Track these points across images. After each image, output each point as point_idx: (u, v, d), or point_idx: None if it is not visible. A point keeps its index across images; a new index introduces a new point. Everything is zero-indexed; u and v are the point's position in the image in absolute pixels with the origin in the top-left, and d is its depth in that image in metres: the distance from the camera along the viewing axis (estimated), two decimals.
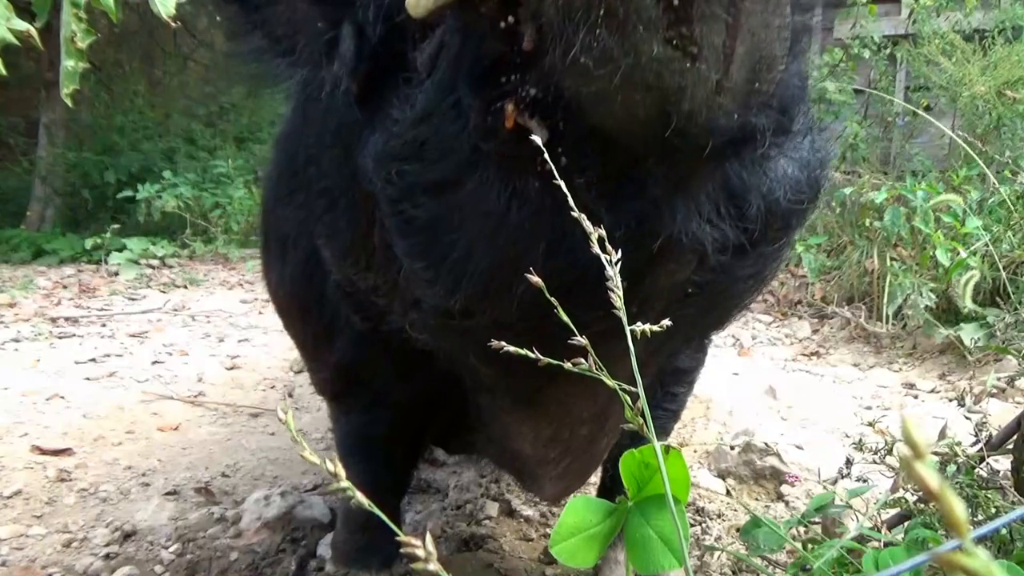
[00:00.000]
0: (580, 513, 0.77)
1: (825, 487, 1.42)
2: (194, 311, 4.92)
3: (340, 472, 0.56)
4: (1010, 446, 1.18)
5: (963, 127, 4.65)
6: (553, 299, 0.67)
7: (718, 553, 1.62)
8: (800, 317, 4.47)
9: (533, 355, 0.70)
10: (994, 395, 2.74)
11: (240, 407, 2.90)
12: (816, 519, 1.24)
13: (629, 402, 0.69)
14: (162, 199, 7.53)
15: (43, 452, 2.31)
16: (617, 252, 0.66)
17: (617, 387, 0.69)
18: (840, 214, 4.55)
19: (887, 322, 3.79)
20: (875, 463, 1.38)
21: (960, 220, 3.48)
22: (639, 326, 0.68)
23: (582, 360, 0.69)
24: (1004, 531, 0.98)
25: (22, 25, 1.33)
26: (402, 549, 0.51)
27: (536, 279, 0.66)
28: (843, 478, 1.45)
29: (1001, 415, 2.37)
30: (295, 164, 1.24)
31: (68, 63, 1.42)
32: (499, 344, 0.71)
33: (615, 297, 0.64)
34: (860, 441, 1.44)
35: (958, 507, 0.28)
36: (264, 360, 3.62)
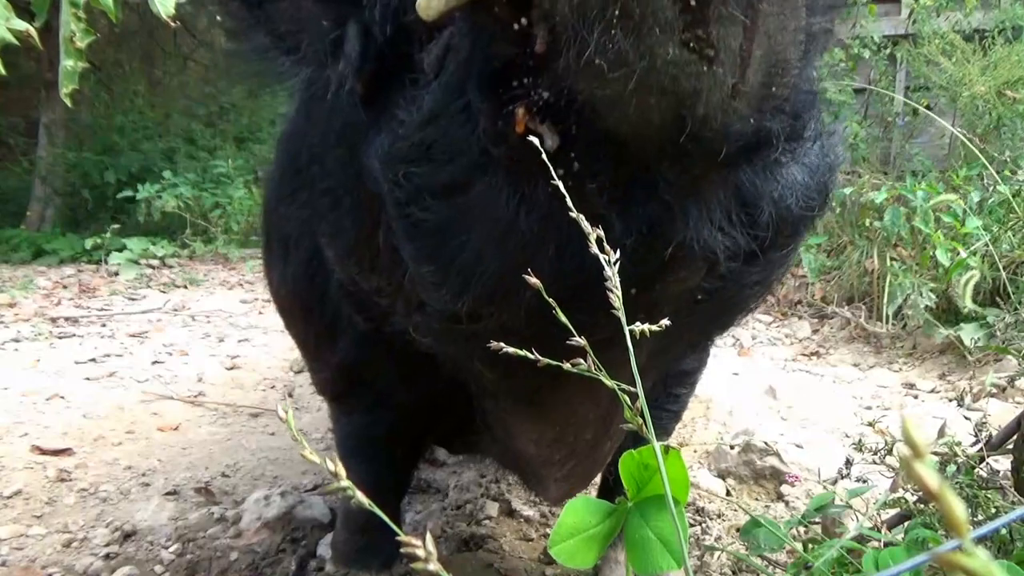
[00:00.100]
0: (580, 514, 0.77)
1: (825, 487, 1.42)
2: (194, 311, 4.92)
3: (340, 471, 0.56)
4: (1010, 446, 1.18)
5: (963, 127, 4.65)
6: (559, 303, 0.67)
7: (718, 553, 1.62)
8: (800, 317, 4.47)
9: (533, 356, 0.70)
10: (994, 395, 2.74)
11: (240, 407, 2.90)
12: (816, 519, 1.24)
13: (629, 403, 0.69)
14: (162, 199, 7.54)
15: (43, 452, 2.31)
16: (628, 259, 0.65)
17: (617, 388, 0.69)
18: (840, 214, 4.55)
19: (887, 322, 3.79)
20: (875, 463, 1.38)
21: (960, 220, 3.48)
22: (639, 326, 0.67)
23: (581, 360, 0.69)
24: (1004, 531, 0.98)
25: (21, 25, 1.33)
26: (402, 549, 0.51)
27: (535, 280, 0.66)
28: (843, 478, 1.45)
29: (1001, 415, 2.37)
30: (298, 163, 1.23)
31: (67, 63, 1.42)
32: (498, 345, 0.71)
33: (614, 297, 0.64)
34: (860, 441, 1.44)
35: (958, 507, 0.28)
36: (264, 360, 3.62)
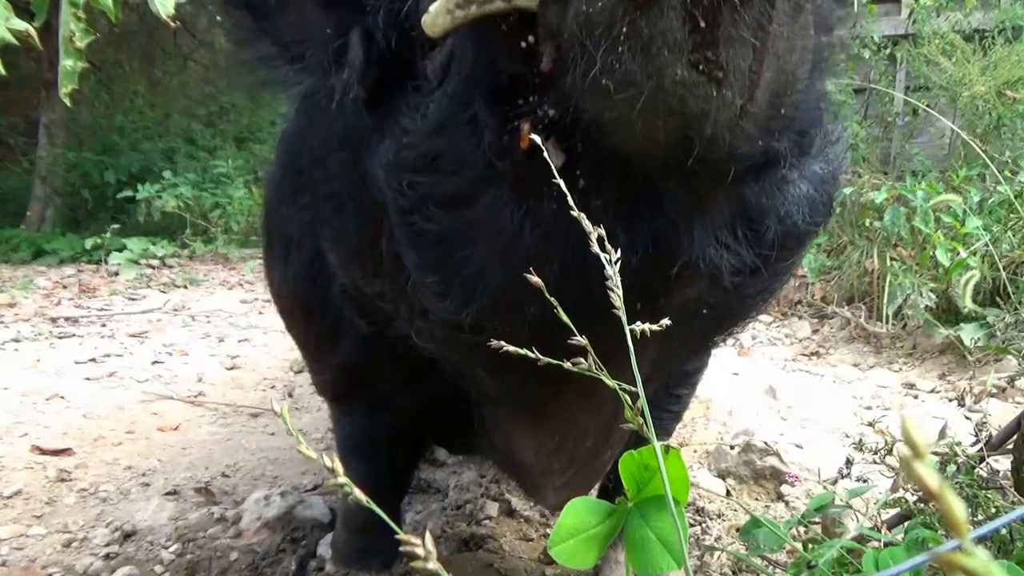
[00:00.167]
0: (580, 514, 0.77)
1: (825, 487, 1.42)
2: (194, 311, 4.92)
3: (339, 468, 0.56)
4: (1010, 446, 1.18)
5: (963, 127, 4.65)
6: (555, 300, 0.67)
7: (718, 553, 1.62)
8: (800, 317, 4.47)
9: (534, 355, 0.70)
10: (994, 395, 2.74)
11: (240, 407, 2.90)
12: (816, 519, 1.23)
13: (629, 403, 0.69)
14: (162, 199, 7.55)
15: (43, 452, 2.31)
16: (633, 276, 0.65)
17: (617, 388, 0.68)
18: (840, 214, 4.54)
19: (887, 322, 3.79)
20: (875, 463, 1.38)
21: (960, 220, 3.48)
22: (639, 326, 0.67)
23: (582, 360, 0.69)
24: (1004, 531, 0.98)
25: (21, 25, 1.33)
26: (402, 548, 0.51)
27: (535, 279, 0.66)
28: (843, 478, 1.45)
29: (1001, 415, 2.37)
30: (299, 163, 1.23)
31: (67, 63, 1.42)
32: (499, 344, 0.70)
33: (614, 297, 0.64)
34: (860, 441, 1.43)
35: (958, 507, 0.28)
36: (264, 360, 3.62)
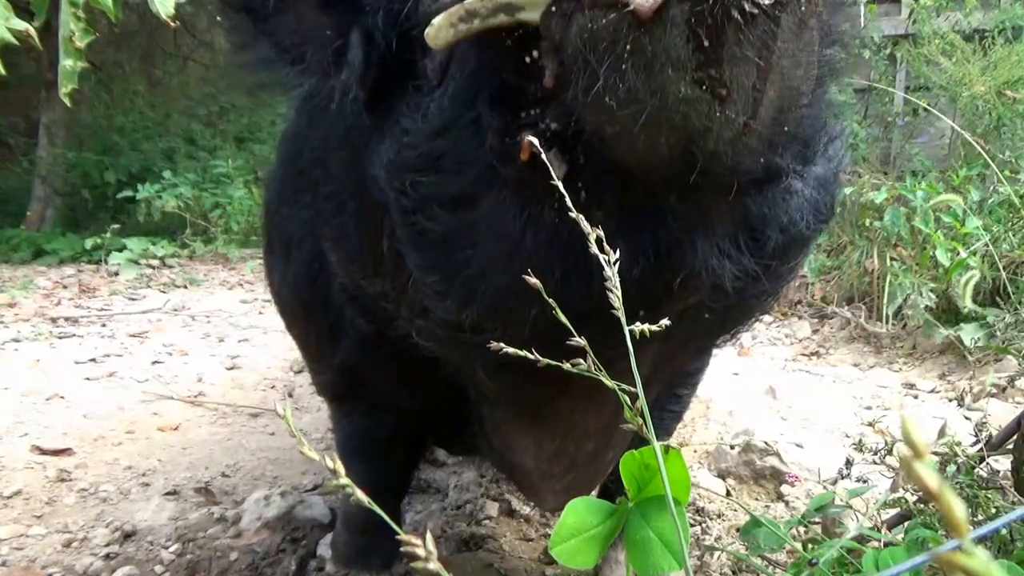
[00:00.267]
0: (580, 514, 0.77)
1: (825, 487, 1.42)
2: (194, 311, 4.92)
3: (339, 469, 0.56)
4: (1010, 446, 1.18)
5: (963, 127, 4.65)
6: (556, 303, 0.66)
7: (718, 553, 1.62)
8: (800, 317, 4.47)
9: (533, 356, 0.70)
10: (994, 395, 2.74)
11: (240, 407, 2.90)
12: (816, 519, 1.23)
13: (629, 403, 0.69)
14: (162, 199, 7.55)
15: (43, 452, 2.31)
16: (635, 286, 0.65)
17: (617, 388, 0.68)
18: (840, 214, 4.54)
19: (887, 322, 3.79)
20: (875, 463, 1.38)
21: (960, 220, 3.48)
22: (639, 326, 0.67)
23: (581, 360, 0.69)
24: (1004, 531, 0.98)
25: (21, 25, 1.33)
26: (402, 548, 0.51)
27: (534, 280, 0.66)
28: (843, 478, 1.45)
29: (1001, 415, 2.37)
30: (300, 163, 1.23)
31: (67, 62, 1.42)
32: (498, 346, 0.70)
33: (613, 298, 0.64)
34: (860, 441, 1.43)
35: (958, 507, 0.28)
36: (264, 360, 3.62)
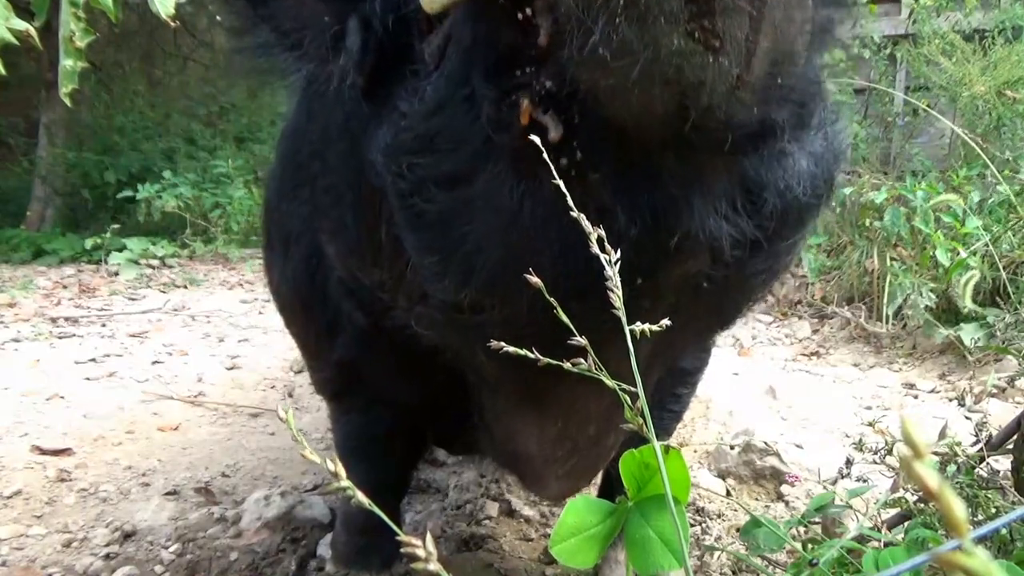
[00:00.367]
0: (580, 513, 0.77)
1: (825, 487, 1.42)
2: (194, 311, 4.92)
3: (340, 471, 0.56)
4: (1010, 446, 1.18)
5: (963, 127, 4.65)
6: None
7: (718, 553, 1.62)
8: (800, 317, 4.47)
9: (533, 355, 0.70)
10: (994, 395, 2.74)
11: (240, 407, 2.90)
12: (816, 519, 1.23)
13: (629, 403, 0.69)
14: (162, 199, 7.54)
15: (43, 452, 2.31)
16: (632, 249, 0.65)
17: (617, 388, 0.68)
18: (840, 214, 4.54)
19: (887, 322, 3.79)
20: (875, 463, 1.38)
21: (960, 220, 3.48)
22: (639, 326, 0.67)
23: (581, 360, 0.69)
24: (1004, 531, 0.98)
25: (21, 25, 1.33)
26: (402, 549, 0.51)
27: (536, 280, 0.66)
28: (843, 478, 1.45)
29: (1001, 415, 2.37)
30: (299, 159, 1.23)
31: (67, 62, 1.42)
32: (499, 345, 0.70)
33: (615, 297, 0.64)
34: (860, 441, 1.43)
35: (958, 507, 0.28)
36: (264, 360, 3.62)
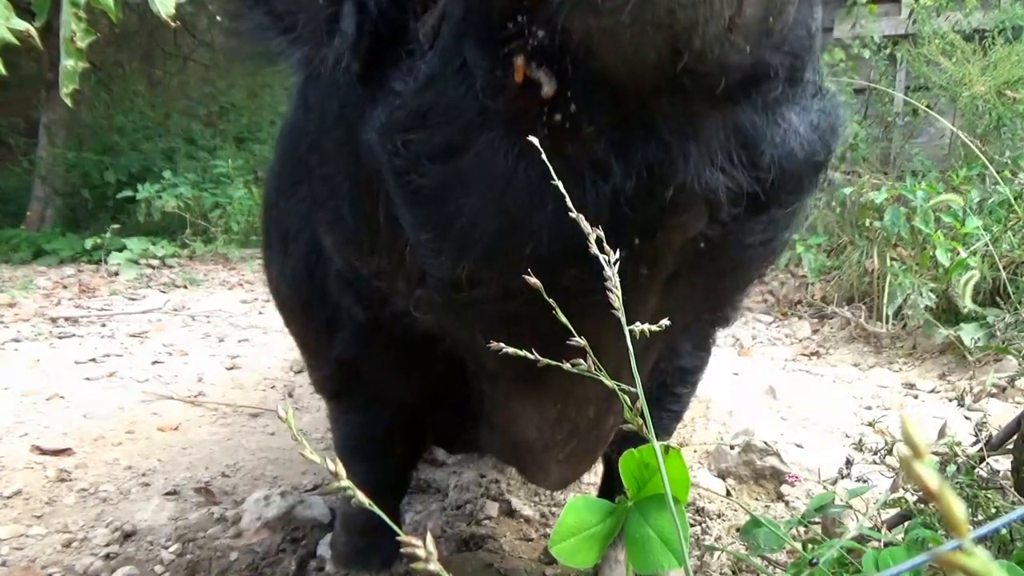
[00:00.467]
0: (580, 513, 0.77)
1: (825, 487, 1.42)
2: (194, 311, 4.92)
3: (340, 471, 0.56)
4: (1010, 446, 1.18)
5: (963, 127, 4.65)
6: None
7: (718, 553, 1.62)
8: (800, 317, 4.48)
9: (533, 356, 0.70)
10: (994, 395, 2.74)
11: (240, 407, 2.90)
12: (816, 519, 1.23)
13: (629, 403, 0.69)
14: (162, 199, 7.55)
15: (43, 452, 2.31)
16: (628, 204, 0.64)
17: (616, 388, 0.69)
18: (840, 214, 4.55)
19: (887, 322, 3.79)
20: (875, 463, 1.38)
21: (960, 220, 3.48)
22: (639, 326, 0.67)
23: (581, 361, 0.69)
24: (1004, 531, 0.98)
25: (22, 25, 1.33)
26: (402, 549, 0.51)
27: (534, 280, 0.66)
28: (843, 478, 1.45)
29: (1001, 415, 2.37)
30: (298, 154, 1.24)
31: (68, 63, 1.42)
32: (498, 346, 0.71)
33: (613, 298, 0.64)
34: (860, 441, 1.43)
35: (958, 507, 0.28)
36: (264, 360, 3.62)
